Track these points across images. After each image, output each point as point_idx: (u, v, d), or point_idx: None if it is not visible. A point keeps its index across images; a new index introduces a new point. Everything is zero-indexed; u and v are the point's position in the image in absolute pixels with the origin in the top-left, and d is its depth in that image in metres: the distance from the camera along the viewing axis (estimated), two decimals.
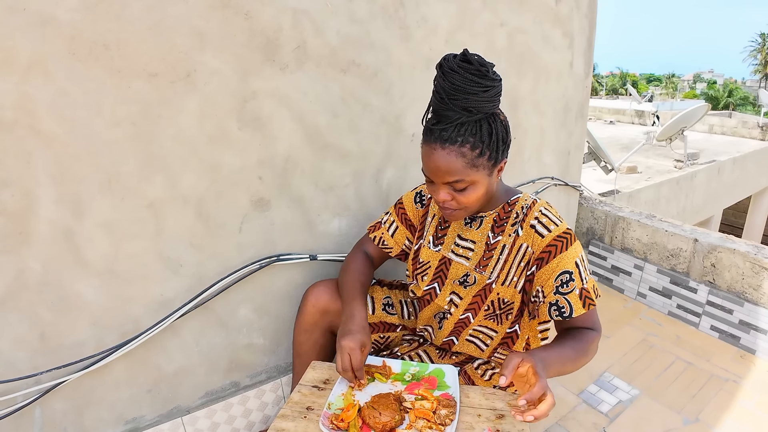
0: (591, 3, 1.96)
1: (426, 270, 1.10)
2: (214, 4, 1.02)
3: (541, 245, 0.95)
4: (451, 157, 0.87)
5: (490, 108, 0.87)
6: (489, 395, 0.93)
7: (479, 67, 0.84)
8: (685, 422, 1.38)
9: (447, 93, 0.84)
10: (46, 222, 0.95)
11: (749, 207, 8.57)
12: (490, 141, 0.88)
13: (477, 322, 1.04)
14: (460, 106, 0.85)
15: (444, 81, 0.84)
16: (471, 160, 0.87)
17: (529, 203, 1.01)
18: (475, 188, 0.91)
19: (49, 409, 1.05)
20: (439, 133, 0.87)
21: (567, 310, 0.93)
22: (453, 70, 0.83)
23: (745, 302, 1.71)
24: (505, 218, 1.01)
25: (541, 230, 0.96)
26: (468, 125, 0.86)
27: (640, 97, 14.54)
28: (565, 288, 0.93)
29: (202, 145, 1.09)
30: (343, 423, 0.83)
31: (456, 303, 1.05)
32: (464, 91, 0.83)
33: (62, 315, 1.01)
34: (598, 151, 4.32)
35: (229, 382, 1.32)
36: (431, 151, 0.88)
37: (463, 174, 0.88)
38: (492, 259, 1.01)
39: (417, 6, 1.36)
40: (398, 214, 1.18)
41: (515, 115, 1.76)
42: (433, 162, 0.88)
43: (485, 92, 0.84)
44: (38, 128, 0.90)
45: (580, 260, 0.95)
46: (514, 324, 1.04)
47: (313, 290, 1.16)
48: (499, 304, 1.01)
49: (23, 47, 0.85)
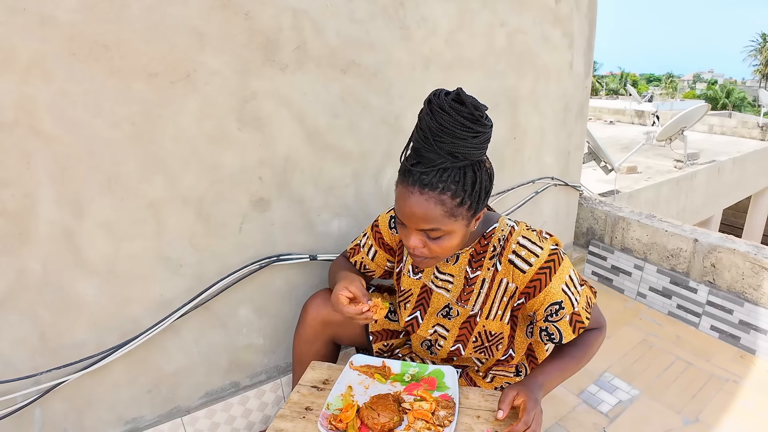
0: (591, 3, 1.96)
1: (408, 298, 1.07)
2: (214, 5, 1.02)
3: (524, 281, 0.91)
4: (429, 203, 0.79)
5: (477, 155, 0.81)
6: (488, 396, 0.93)
7: (473, 110, 0.77)
8: (685, 422, 1.38)
9: (433, 133, 0.77)
10: (46, 222, 0.95)
11: (749, 207, 8.56)
12: (473, 191, 0.81)
13: (468, 353, 1.03)
14: (446, 149, 0.77)
15: (432, 120, 0.77)
16: (450, 209, 0.80)
17: (506, 234, 0.94)
18: (450, 238, 0.84)
19: (49, 409, 1.05)
20: (419, 176, 0.79)
21: (557, 337, 0.94)
22: (443, 109, 0.76)
23: (745, 302, 1.71)
24: (482, 252, 0.96)
25: (521, 265, 0.91)
26: (451, 171, 0.79)
27: (640, 97, 14.54)
28: (554, 317, 0.92)
29: (202, 146, 1.09)
30: (342, 423, 0.83)
31: (443, 335, 1.04)
32: (452, 135, 0.76)
33: (62, 315, 1.01)
34: (598, 151, 4.32)
35: (228, 382, 1.32)
36: (408, 195, 0.81)
37: (440, 223, 0.81)
38: (473, 294, 0.98)
39: (417, 6, 1.36)
40: (375, 239, 1.11)
41: (515, 115, 1.76)
42: (408, 206, 0.81)
43: (475, 138, 0.78)
44: (38, 128, 0.90)
45: (568, 282, 0.91)
46: (507, 351, 1.03)
47: (312, 302, 1.13)
48: (486, 336, 1.00)
49: (23, 47, 0.85)
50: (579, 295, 0.94)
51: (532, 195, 1.97)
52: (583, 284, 0.96)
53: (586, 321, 0.94)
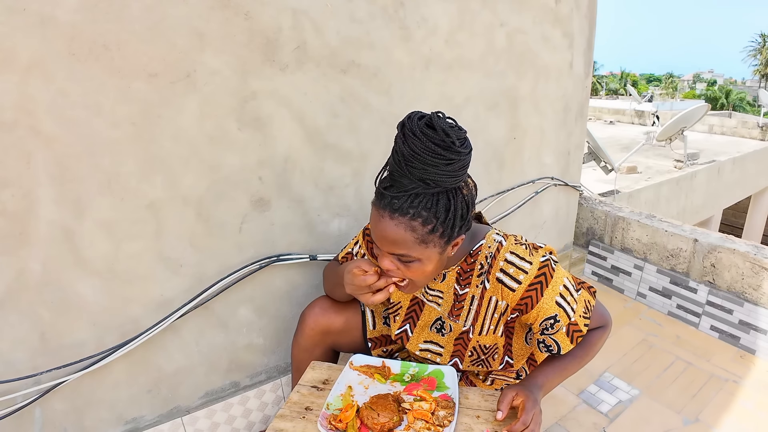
0: (591, 3, 1.96)
1: (397, 310, 1.06)
2: (214, 5, 1.02)
3: (515, 299, 0.90)
4: (399, 229, 0.78)
5: (451, 183, 0.78)
6: (488, 396, 0.93)
7: (443, 136, 0.74)
8: (685, 422, 1.38)
9: (405, 158, 0.75)
10: (46, 222, 0.95)
11: (749, 207, 8.56)
12: (446, 218, 0.79)
13: (465, 367, 1.02)
14: (417, 176, 0.76)
15: (404, 145, 0.75)
16: (421, 236, 0.78)
17: (494, 251, 0.91)
18: (422, 264, 0.82)
19: (49, 409, 1.05)
20: (390, 200, 0.78)
21: (555, 349, 0.94)
22: (414, 134, 0.74)
23: (744, 302, 1.71)
24: (470, 271, 0.94)
25: (510, 284, 0.89)
26: (423, 198, 0.77)
27: (640, 97, 14.54)
28: (551, 330, 0.92)
29: (202, 146, 1.09)
30: (342, 423, 0.83)
31: (438, 352, 1.03)
32: (423, 161, 0.74)
33: (62, 315, 1.01)
34: (598, 151, 4.32)
35: (228, 382, 1.32)
36: (379, 218, 0.80)
37: (410, 249, 0.79)
38: (463, 310, 0.96)
39: (417, 6, 1.36)
40: (367, 247, 1.10)
41: (515, 115, 1.76)
42: (379, 230, 0.80)
43: (447, 166, 0.75)
44: (38, 128, 0.90)
45: (563, 292, 0.90)
46: (503, 359, 1.02)
47: (310, 312, 1.11)
48: (481, 350, 0.99)
49: (23, 47, 0.85)
50: (576, 302, 0.92)
51: (532, 195, 1.97)
52: (579, 289, 0.94)
53: (584, 329, 0.93)
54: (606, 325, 1.00)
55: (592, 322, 0.96)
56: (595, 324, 0.98)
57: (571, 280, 0.94)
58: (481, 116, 1.65)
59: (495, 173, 1.79)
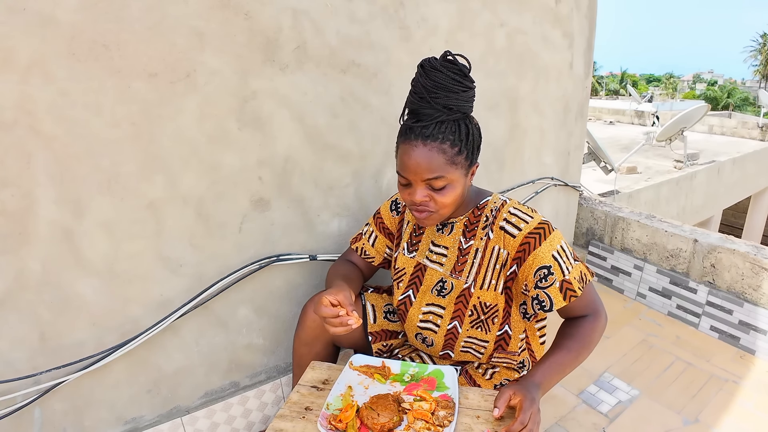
0: (591, 3, 1.96)
1: (401, 277, 1.11)
2: (214, 4, 1.03)
3: (515, 245, 0.96)
4: (432, 153, 0.88)
5: (467, 108, 0.91)
6: (488, 396, 0.93)
7: (461, 66, 0.88)
8: (685, 422, 1.38)
9: (428, 91, 0.87)
10: (46, 222, 0.95)
11: (749, 207, 8.57)
12: (468, 141, 0.91)
13: (465, 332, 1.03)
14: (441, 103, 0.88)
15: (426, 79, 0.87)
16: (451, 157, 0.89)
17: (498, 205, 1.01)
18: (453, 188, 0.92)
19: (48, 409, 1.05)
20: (420, 130, 0.89)
21: (547, 304, 0.95)
22: (435, 68, 0.87)
23: (744, 302, 1.71)
24: (476, 222, 1.02)
25: (511, 230, 0.97)
26: (447, 123, 0.89)
27: (639, 97, 14.55)
28: (544, 282, 0.94)
29: (202, 145, 1.09)
30: (342, 423, 0.82)
31: (440, 314, 1.05)
32: (446, 89, 0.87)
33: (62, 315, 1.01)
34: (597, 151, 4.32)
35: (228, 382, 1.32)
36: (412, 149, 0.89)
37: (443, 170, 0.89)
38: (466, 264, 1.02)
39: (417, 6, 1.36)
40: (377, 224, 1.19)
41: (515, 115, 1.76)
42: (413, 159, 0.89)
43: (465, 92, 0.89)
44: (38, 128, 0.90)
45: (559, 250, 0.94)
46: (503, 326, 1.03)
47: (311, 304, 1.12)
48: (482, 308, 1.01)
49: (23, 47, 0.85)
50: (572, 266, 0.95)
51: (532, 195, 1.97)
52: (577, 260, 0.97)
53: (578, 291, 0.94)
54: (599, 314, 0.99)
55: (584, 305, 0.97)
56: (589, 306, 0.98)
57: (569, 249, 0.97)
58: (481, 116, 1.63)
59: (495, 173, 1.79)
